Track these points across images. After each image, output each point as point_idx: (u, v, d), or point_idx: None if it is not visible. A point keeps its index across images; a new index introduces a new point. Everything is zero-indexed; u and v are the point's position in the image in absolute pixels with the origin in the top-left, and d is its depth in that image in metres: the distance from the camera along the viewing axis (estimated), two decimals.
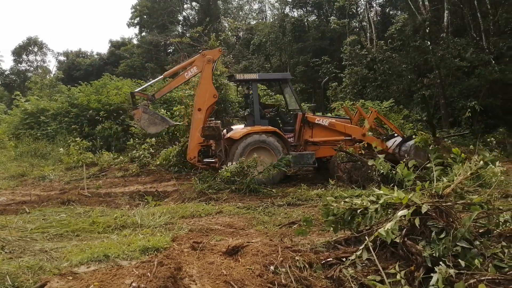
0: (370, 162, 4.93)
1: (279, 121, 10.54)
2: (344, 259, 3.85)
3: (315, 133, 10.17)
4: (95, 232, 5.51)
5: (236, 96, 15.11)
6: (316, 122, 10.14)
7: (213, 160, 9.86)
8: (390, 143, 10.36)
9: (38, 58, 47.82)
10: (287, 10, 31.78)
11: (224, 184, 8.51)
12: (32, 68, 46.83)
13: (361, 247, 3.85)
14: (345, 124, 10.48)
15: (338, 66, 23.90)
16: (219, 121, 10.57)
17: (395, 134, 10.69)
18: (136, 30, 46.56)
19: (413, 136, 10.12)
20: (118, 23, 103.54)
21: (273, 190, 8.54)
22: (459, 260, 3.38)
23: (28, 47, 46.78)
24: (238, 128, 10.09)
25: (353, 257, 3.80)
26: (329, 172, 9.89)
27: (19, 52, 46.49)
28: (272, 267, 3.74)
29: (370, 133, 10.39)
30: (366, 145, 9.51)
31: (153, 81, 11.44)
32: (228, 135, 9.66)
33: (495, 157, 4.47)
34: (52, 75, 36.16)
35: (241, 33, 33.33)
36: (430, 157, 8.92)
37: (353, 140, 10.14)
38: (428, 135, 9.94)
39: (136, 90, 10.26)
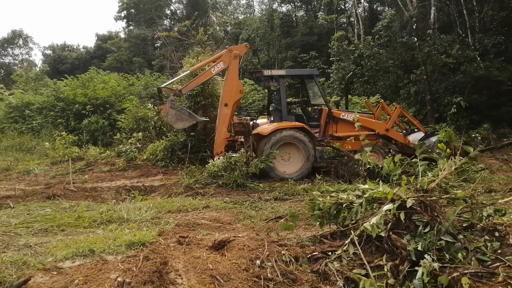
0: (356, 156, 4.95)
1: (304, 117, 10.55)
2: (330, 253, 3.88)
3: (339, 128, 10.25)
4: (81, 227, 5.47)
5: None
6: (341, 117, 10.22)
7: (237, 154, 9.86)
8: (411, 138, 10.64)
9: (23, 51, 47.03)
10: (275, 5, 31.74)
11: (211, 179, 8.51)
12: (17, 62, 46.06)
13: (346, 241, 3.88)
14: (370, 119, 10.66)
15: (326, 62, 23.95)
16: (249, 117, 10.60)
17: (415, 129, 10.99)
18: (123, 23, 46.11)
19: (435, 132, 10.46)
20: (104, 17, 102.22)
21: (260, 185, 8.56)
22: (443, 253, 3.42)
23: (13, 40, 45.91)
24: (264, 124, 10.10)
25: (339, 251, 3.83)
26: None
27: (4, 45, 45.60)
28: (258, 261, 3.75)
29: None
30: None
31: (180, 76, 11.24)
32: (256, 130, 9.63)
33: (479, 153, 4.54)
34: (37, 69, 35.58)
35: (229, 27, 33.18)
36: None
37: (376, 135, 10.36)
38: (451, 131, 10.18)
39: (163, 85, 10.13)
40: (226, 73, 9.81)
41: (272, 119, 10.16)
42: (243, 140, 10.04)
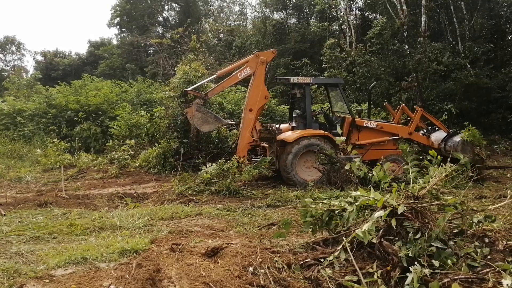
0: (347, 166, 5.00)
1: (327, 125, 10.64)
2: (322, 260, 3.90)
3: (361, 136, 10.33)
4: (73, 235, 5.43)
5: (215, 97, 15.07)
6: (364, 125, 10.33)
7: (258, 159, 9.88)
8: (433, 138, 10.87)
9: (15, 57, 46.72)
10: (267, 12, 31.93)
11: (204, 186, 8.51)
12: (9, 68, 45.70)
13: (338, 248, 3.90)
14: (392, 124, 10.88)
15: (318, 69, 24.09)
16: (274, 124, 10.69)
17: (436, 128, 11.20)
18: (116, 30, 46.05)
19: (458, 131, 10.69)
20: (97, 23, 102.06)
21: (253, 192, 8.58)
22: (434, 260, 3.46)
23: (5, 46, 45.61)
24: (287, 130, 10.18)
25: (331, 257, 3.85)
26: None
27: None
28: (251, 268, 3.76)
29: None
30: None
31: (207, 79, 11.28)
32: (281, 137, 9.68)
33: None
34: (29, 75, 35.39)
35: (222, 35, 33.28)
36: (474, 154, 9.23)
37: (399, 139, 10.61)
38: (476, 130, 10.30)
39: (189, 88, 10.17)
40: (252, 79, 9.88)
41: (295, 125, 10.25)
42: (265, 145, 10.06)
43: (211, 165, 9.09)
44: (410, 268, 3.36)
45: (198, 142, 11.57)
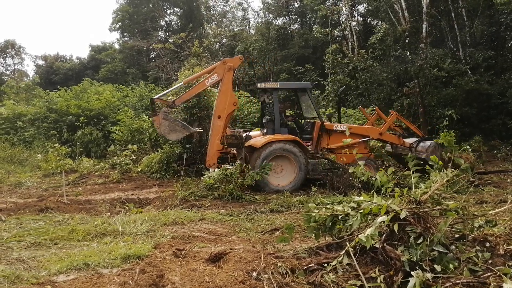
0: (351, 170, 5.02)
1: (297, 129, 10.63)
2: (325, 265, 3.91)
3: (332, 140, 10.29)
4: (75, 240, 5.44)
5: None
6: (334, 128, 10.30)
7: (231, 166, 9.85)
8: (410, 141, 10.92)
9: (15, 61, 46.73)
10: (270, 18, 32.06)
11: (207, 191, 8.52)
12: (8, 72, 45.72)
13: (342, 253, 3.91)
14: (362, 126, 10.96)
15: (321, 74, 24.17)
16: (242, 130, 10.66)
17: (413, 133, 11.35)
18: (117, 35, 46.14)
19: (433, 138, 10.82)
20: (99, 28, 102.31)
21: (256, 197, 8.58)
22: (436, 264, 3.47)
23: (5, 50, 45.65)
24: (257, 136, 10.15)
25: (334, 262, 3.86)
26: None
27: None
28: (254, 274, 3.76)
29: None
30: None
31: (173, 87, 11.26)
32: (249, 143, 9.67)
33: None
34: (29, 79, 35.42)
35: (225, 40, 33.39)
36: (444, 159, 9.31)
37: (370, 140, 10.69)
38: (452, 138, 10.30)
39: (156, 96, 10.18)
40: (220, 85, 9.86)
41: (265, 131, 10.21)
42: (235, 152, 10.05)
43: (214, 170, 9.11)
44: (412, 272, 3.37)
45: (200, 147, 11.59)
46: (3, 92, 24.67)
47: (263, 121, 10.55)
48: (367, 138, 10.52)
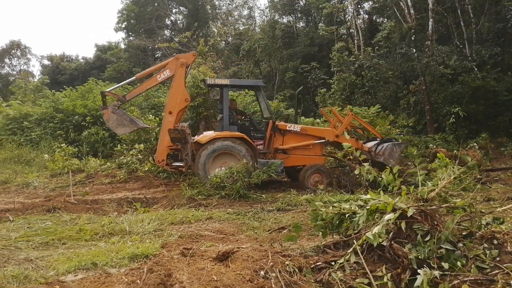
0: (356, 171, 5.01)
1: (251, 128, 10.49)
2: (333, 263, 3.91)
3: (286, 140, 10.08)
4: (82, 240, 5.44)
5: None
6: (287, 129, 10.10)
7: (182, 164, 9.82)
8: (370, 144, 10.56)
9: (21, 61, 46.98)
10: (276, 16, 32.03)
11: (213, 190, 8.53)
12: (15, 72, 45.99)
13: (349, 251, 3.91)
14: (317, 128, 10.62)
15: (327, 72, 24.12)
16: (186, 124, 10.46)
17: (377, 138, 10.91)
18: (123, 34, 46.23)
19: (393, 139, 10.62)
20: (104, 27, 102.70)
21: (263, 195, 8.59)
22: (443, 262, 3.47)
23: (11, 51, 45.89)
24: (208, 133, 10.05)
25: (341, 260, 3.86)
26: (299, 183, 9.82)
27: (2, 55, 45.53)
28: (262, 272, 3.77)
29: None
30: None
31: (125, 82, 11.38)
32: (196, 139, 9.61)
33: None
34: (36, 80, 35.60)
35: (230, 38, 33.39)
36: (402, 160, 9.26)
37: (326, 143, 10.23)
38: (414, 149, 10.17)
39: (107, 90, 10.20)
40: (172, 81, 9.87)
41: (217, 129, 10.11)
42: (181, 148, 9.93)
43: (221, 169, 9.12)
44: (419, 270, 3.37)
45: None
46: (10, 92, 24.82)
47: (218, 119, 10.43)
48: (323, 141, 10.15)
